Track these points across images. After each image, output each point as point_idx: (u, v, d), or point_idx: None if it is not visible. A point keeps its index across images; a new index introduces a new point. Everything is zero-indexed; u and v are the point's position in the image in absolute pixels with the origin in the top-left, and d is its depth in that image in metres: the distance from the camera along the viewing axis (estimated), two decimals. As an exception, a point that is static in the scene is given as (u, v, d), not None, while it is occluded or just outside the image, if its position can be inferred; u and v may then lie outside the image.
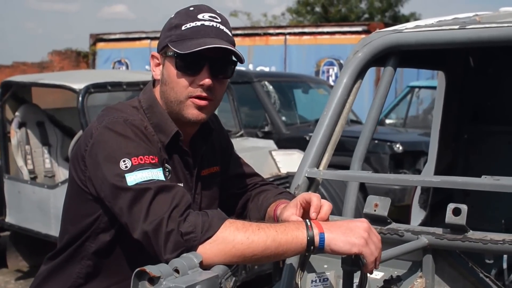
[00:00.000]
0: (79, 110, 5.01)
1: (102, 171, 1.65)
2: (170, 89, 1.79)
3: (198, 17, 1.76)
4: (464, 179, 2.01)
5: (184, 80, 1.76)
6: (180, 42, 1.74)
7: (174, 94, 1.78)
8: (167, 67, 1.79)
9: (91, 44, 17.13)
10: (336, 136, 2.37)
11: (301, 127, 8.29)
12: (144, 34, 16.30)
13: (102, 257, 1.80)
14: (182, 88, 1.77)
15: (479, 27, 2.16)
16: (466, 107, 3.32)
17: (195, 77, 1.75)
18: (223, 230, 1.56)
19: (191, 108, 1.78)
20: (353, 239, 1.58)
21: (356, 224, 1.61)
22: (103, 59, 16.63)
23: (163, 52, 1.80)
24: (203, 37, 1.73)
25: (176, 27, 1.76)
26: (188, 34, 1.74)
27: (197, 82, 1.76)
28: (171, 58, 1.77)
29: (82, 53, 19.85)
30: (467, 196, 3.45)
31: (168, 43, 1.76)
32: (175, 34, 1.76)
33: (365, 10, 31.76)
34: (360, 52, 2.37)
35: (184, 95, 1.77)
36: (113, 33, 16.99)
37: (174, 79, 1.77)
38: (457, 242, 1.95)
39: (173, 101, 1.79)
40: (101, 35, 17.05)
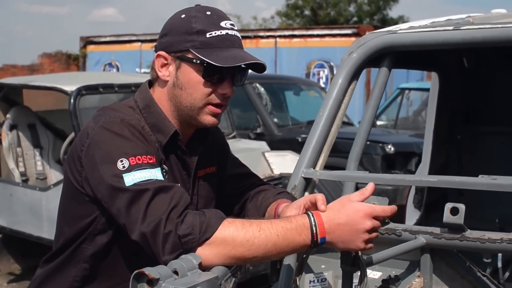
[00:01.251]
0: (71, 112, 4.99)
1: (99, 171, 1.63)
2: (187, 94, 1.77)
3: (221, 24, 1.75)
4: (461, 179, 2.02)
5: (208, 88, 1.76)
6: (208, 50, 1.72)
7: (191, 99, 1.77)
8: (186, 72, 1.76)
9: (82, 47, 17.11)
10: (332, 136, 2.37)
11: (293, 129, 8.32)
12: (135, 37, 16.30)
13: (99, 260, 1.78)
14: (203, 95, 1.77)
15: (473, 28, 2.16)
16: (458, 108, 3.33)
17: (218, 86, 1.77)
18: (222, 231, 1.54)
19: (207, 115, 1.79)
20: (351, 247, 1.61)
21: (357, 226, 1.58)
22: (93, 62, 16.60)
23: (180, 56, 1.77)
24: (229, 47, 1.74)
25: (198, 33, 1.74)
26: (215, 43, 1.73)
27: (219, 91, 1.77)
28: (193, 65, 1.75)
29: (73, 56, 19.78)
30: (461, 196, 3.46)
31: (191, 48, 1.74)
32: (198, 40, 1.73)
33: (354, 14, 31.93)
34: (355, 53, 2.37)
35: (203, 102, 1.77)
36: (103, 36, 16.97)
37: (194, 85, 1.76)
38: (455, 242, 1.95)
39: (188, 106, 1.78)
40: (91, 38, 17.02)
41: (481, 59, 3.15)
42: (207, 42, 1.73)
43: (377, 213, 1.61)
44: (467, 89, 3.27)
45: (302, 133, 8.06)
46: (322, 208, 1.65)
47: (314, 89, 9.79)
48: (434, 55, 2.98)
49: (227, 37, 1.75)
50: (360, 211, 1.59)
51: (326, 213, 1.62)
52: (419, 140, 8.05)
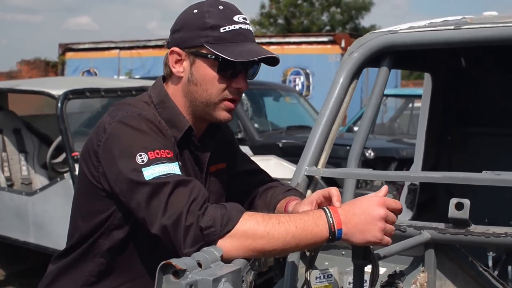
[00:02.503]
0: (58, 116, 4.96)
1: (117, 166, 1.64)
2: (203, 90, 1.78)
3: (234, 19, 1.77)
4: (466, 175, 2.06)
5: (223, 83, 1.77)
6: (222, 45, 1.73)
7: (207, 95, 1.78)
8: (201, 67, 1.77)
9: (60, 54, 16.97)
10: (333, 135, 2.40)
11: (273, 134, 8.36)
12: (113, 44, 16.24)
13: (115, 255, 1.79)
14: (218, 90, 1.78)
15: (474, 27, 2.22)
16: (449, 109, 3.39)
17: (232, 80, 1.78)
18: (243, 224, 1.56)
19: (222, 110, 1.80)
20: (369, 238, 1.60)
21: (372, 215, 1.59)
22: (72, 69, 16.48)
23: (195, 51, 1.77)
24: (243, 41, 1.75)
25: (212, 28, 1.74)
26: (229, 37, 1.74)
27: (233, 85, 1.78)
28: (208, 59, 1.76)
29: (51, 63, 19.62)
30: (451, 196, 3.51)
31: (206, 44, 1.74)
32: (212, 35, 1.74)
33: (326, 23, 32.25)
34: (355, 53, 2.41)
35: (219, 97, 1.78)
36: (82, 43, 16.88)
37: (210, 81, 1.77)
38: (459, 236, 1.99)
39: (203, 102, 1.79)
40: (70, 45, 16.91)
41: (472, 60, 3.22)
42: (221, 37, 1.74)
43: (389, 203, 1.63)
44: (458, 90, 3.33)
45: (282, 139, 8.10)
46: (337, 205, 1.67)
47: (293, 95, 9.85)
48: (427, 56, 3.03)
49: (241, 32, 1.76)
50: (372, 200, 1.62)
51: (341, 207, 1.65)
52: (398, 145, 8.14)
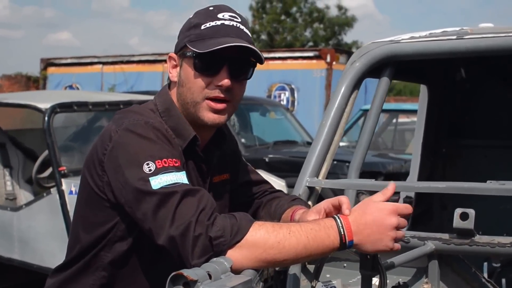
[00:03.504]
0: (45, 130, 4.89)
1: (123, 174, 1.60)
2: (187, 89, 1.74)
3: (218, 16, 1.72)
4: (470, 185, 2.04)
5: (202, 80, 1.71)
6: (200, 41, 1.70)
7: (190, 95, 1.74)
8: (185, 68, 1.75)
9: (42, 69, 16.83)
10: (335, 145, 2.38)
11: (259, 149, 8.35)
12: (96, 59, 16.15)
13: (118, 268, 1.74)
14: (199, 88, 1.72)
15: (477, 37, 2.21)
16: (444, 121, 3.39)
17: (214, 77, 1.71)
18: (253, 233, 1.52)
19: (207, 111, 1.73)
20: (381, 248, 1.58)
21: (385, 223, 1.56)
22: (54, 84, 16.34)
23: (181, 53, 1.76)
24: (223, 36, 1.69)
25: (195, 27, 1.72)
26: (208, 33, 1.70)
27: (215, 82, 1.71)
28: (189, 59, 1.73)
29: (33, 78, 19.48)
30: (445, 209, 3.51)
31: (187, 43, 1.72)
32: (194, 33, 1.72)
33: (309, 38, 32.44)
34: (357, 62, 2.39)
35: (200, 96, 1.72)
36: (64, 58, 16.75)
37: (191, 80, 1.72)
38: (464, 247, 1.96)
39: (189, 103, 1.74)
40: (52, 60, 16.78)
41: (467, 73, 3.22)
42: (201, 34, 1.71)
43: (401, 210, 1.60)
44: (453, 102, 3.33)
45: (269, 153, 8.08)
46: (346, 213, 1.63)
47: (280, 110, 9.85)
48: (424, 68, 3.03)
49: (222, 27, 1.71)
50: (384, 209, 1.58)
51: (352, 215, 1.60)
52: (384, 160, 8.16)
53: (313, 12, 32.24)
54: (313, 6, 32.41)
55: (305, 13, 32.47)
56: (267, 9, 31.98)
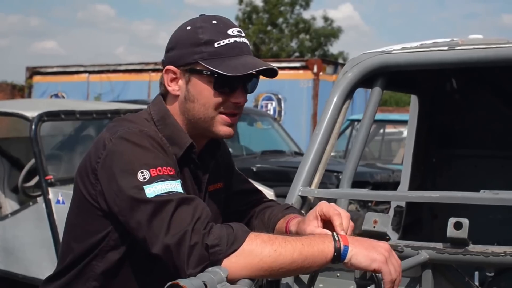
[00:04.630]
0: (32, 138, 4.85)
1: (117, 183, 1.58)
2: (200, 106, 1.74)
3: (228, 32, 1.73)
4: (464, 194, 2.05)
5: (220, 98, 1.73)
6: (217, 61, 1.70)
7: (204, 111, 1.74)
8: (196, 84, 1.73)
9: (28, 77, 16.74)
10: (327, 155, 2.38)
11: (247, 159, 8.35)
12: (82, 68, 16.10)
13: (110, 278, 1.71)
14: (215, 105, 1.73)
15: (468, 48, 2.23)
16: (434, 131, 3.41)
17: (231, 96, 1.73)
18: (249, 243, 1.51)
19: (221, 125, 1.75)
20: (374, 255, 1.56)
21: (378, 243, 1.60)
22: (39, 92, 16.26)
23: (189, 69, 1.73)
24: (238, 55, 1.71)
25: (206, 44, 1.71)
26: (223, 52, 1.71)
27: (231, 100, 1.74)
28: (202, 76, 1.72)
29: (18, 86, 19.40)
30: (435, 218, 3.52)
31: (200, 60, 1.71)
32: (206, 51, 1.70)
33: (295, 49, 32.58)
34: (349, 72, 2.40)
35: (216, 112, 1.74)
36: (50, 66, 16.68)
37: (207, 96, 1.73)
38: (458, 256, 1.97)
39: (201, 118, 1.75)
40: (37, 68, 16.71)
41: (457, 83, 3.24)
42: (215, 52, 1.71)
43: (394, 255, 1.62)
44: (443, 112, 3.35)
45: (257, 163, 8.08)
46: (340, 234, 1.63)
47: (267, 120, 9.86)
48: (415, 79, 3.05)
49: (236, 45, 1.73)
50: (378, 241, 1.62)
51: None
52: (372, 170, 8.18)
53: (299, 23, 32.41)
54: (299, 17, 32.60)
55: (291, 24, 32.63)
56: (253, 19, 32.10)
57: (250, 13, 32.07)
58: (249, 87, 1.78)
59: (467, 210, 2.40)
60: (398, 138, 12.65)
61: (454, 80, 3.22)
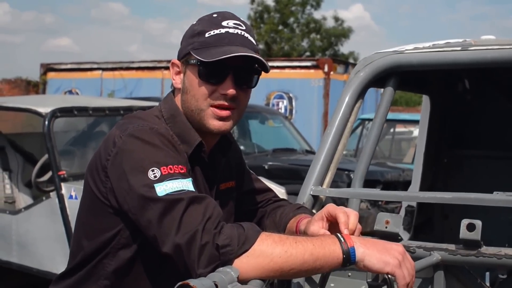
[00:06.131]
0: (45, 134, 4.89)
1: (128, 181, 1.57)
2: (191, 97, 1.73)
3: (222, 24, 1.71)
4: (477, 195, 2.04)
5: (206, 88, 1.70)
6: (204, 49, 1.68)
7: (195, 102, 1.72)
8: (189, 76, 1.73)
9: (42, 74, 16.83)
10: (339, 154, 2.37)
11: (258, 156, 8.35)
12: (96, 65, 16.18)
13: (121, 276, 1.70)
14: (203, 96, 1.71)
15: (482, 49, 2.21)
16: (446, 132, 3.40)
17: (218, 86, 1.70)
18: (260, 243, 1.50)
19: (212, 119, 1.72)
20: (388, 258, 1.53)
21: (392, 245, 1.56)
22: (53, 89, 16.34)
23: (185, 60, 1.74)
24: (227, 44, 1.68)
25: (199, 34, 1.71)
26: (212, 41, 1.69)
27: (220, 91, 1.70)
28: (193, 66, 1.71)
29: (32, 82, 19.49)
30: (446, 219, 3.51)
31: (191, 50, 1.71)
32: (198, 41, 1.70)
33: (306, 49, 32.55)
34: (361, 72, 2.39)
35: (205, 104, 1.71)
36: (64, 63, 16.77)
37: (195, 87, 1.71)
38: (471, 258, 1.95)
39: (194, 110, 1.73)
40: (52, 65, 16.80)
41: (469, 84, 3.23)
42: (205, 41, 1.70)
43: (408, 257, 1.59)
44: (455, 113, 3.34)
45: (268, 161, 8.08)
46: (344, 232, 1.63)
47: (278, 118, 9.86)
48: (427, 79, 3.04)
49: (226, 35, 1.70)
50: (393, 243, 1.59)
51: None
52: (382, 169, 8.17)
53: (310, 22, 32.39)
54: (310, 17, 32.57)
55: (302, 23, 32.62)
56: (264, 19, 32.11)
57: (262, 12, 32.09)
58: (241, 80, 1.72)
59: (478, 211, 2.38)
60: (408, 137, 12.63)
61: (466, 81, 3.20)
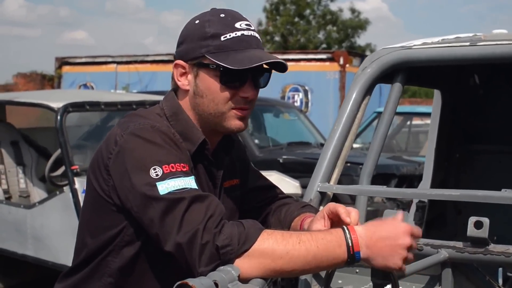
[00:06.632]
0: (57, 129, 4.92)
1: (130, 180, 1.57)
2: (209, 101, 1.72)
3: (236, 26, 1.70)
4: (485, 193, 2.01)
5: (228, 92, 1.71)
6: (223, 54, 1.67)
7: (214, 106, 1.72)
8: (204, 79, 1.72)
9: (57, 67, 16.94)
10: (346, 151, 2.35)
11: (273, 150, 8.33)
12: (111, 58, 16.24)
13: (125, 274, 1.70)
14: (224, 100, 1.71)
15: (491, 44, 2.18)
16: (458, 126, 3.36)
17: (239, 89, 1.71)
18: (261, 243, 1.50)
19: (233, 119, 1.73)
20: (391, 264, 1.55)
21: (399, 242, 1.54)
22: (68, 82, 16.44)
23: (197, 63, 1.72)
24: (246, 48, 1.69)
25: (213, 37, 1.69)
26: (230, 45, 1.68)
27: (240, 94, 1.71)
28: (209, 70, 1.70)
29: (47, 76, 19.61)
30: (459, 214, 3.47)
31: (207, 54, 1.69)
32: (213, 44, 1.69)
33: (323, 41, 32.43)
34: (368, 68, 2.37)
35: (226, 107, 1.72)
36: (79, 57, 16.86)
37: (215, 91, 1.71)
38: (478, 256, 1.93)
39: (212, 113, 1.73)
40: (67, 59, 16.90)
41: (481, 78, 3.19)
42: (222, 45, 1.69)
43: (414, 232, 1.59)
44: (467, 107, 3.30)
45: (283, 154, 8.05)
46: (347, 221, 1.62)
47: (293, 112, 9.83)
48: (437, 74, 3.00)
49: (243, 38, 1.70)
50: (400, 227, 1.57)
51: (364, 228, 1.57)
52: (398, 162, 8.11)
53: (326, 14, 32.23)
54: (326, 9, 32.42)
55: (318, 15, 32.46)
56: (280, 11, 32.00)
57: (278, 4, 31.97)
58: (261, 81, 1.75)
59: (492, 206, 2.35)
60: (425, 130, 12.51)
61: (479, 75, 3.16)
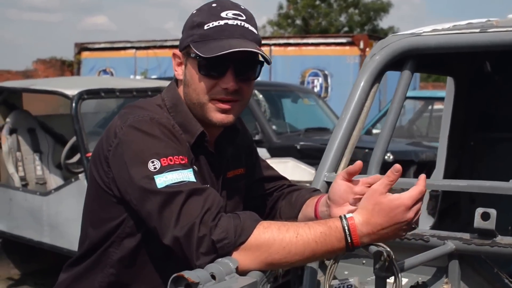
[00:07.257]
0: (72, 116, 4.93)
1: (128, 172, 1.57)
2: (192, 90, 1.71)
3: (221, 15, 1.67)
4: (492, 183, 1.98)
5: (207, 82, 1.68)
6: (203, 43, 1.65)
7: (196, 96, 1.71)
8: (189, 68, 1.71)
9: (76, 53, 17.03)
10: (354, 140, 2.32)
11: (291, 136, 8.28)
12: (129, 44, 16.27)
13: (127, 265, 1.72)
14: (204, 90, 1.69)
15: (501, 31, 2.13)
16: (472, 114, 3.30)
17: (219, 80, 1.67)
18: (257, 236, 1.48)
19: (214, 112, 1.70)
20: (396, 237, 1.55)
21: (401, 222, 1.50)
22: (88, 68, 16.52)
23: (185, 52, 1.72)
24: (227, 37, 1.64)
25: (198, 26, 1.67)
26: (211, 34, 1.65)
27: (221, 85, 1.68)
28: (193, 60, 1.69)
29: (67, 62, 19.75)
30: (473, 203, 3.42)
31: (190, 43, 1.68)
32: (197, 33, 1.67)
33: (344, 24, 32.18)
34: (377, 55, 2.33)
35: (206, 98, 1.69)
36: (98, 43, 16.91)
37: (196, 81, 1.69)
38: (485, 247, 1.91)
39: (195, 103, 1.72)
40: (86, 44, 16.96)
41: (495, 65, 3.12)
42: (204, 34, 1.66)
43: (416, 199, 1.51)
44: (481, 94, 3.24)
45: (301, 141, 8.00)
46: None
47: (312, 97, 9.77)
48: (450, 60, 2.95)
49: (225, 27, 1.66)
50: (399, 206, 1.49)
51: (361, 216, 1.50)
52: (417, 148, 8.01)
53: (348, -4, 31.95)
54: (348, -9, 32.12)
55: (340, -3, 32.19)
56: (301, -6, 31.79)
57: (299, -13, 31.76)
58: (242, 72, 1.68)
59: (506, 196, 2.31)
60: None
61: (493, 62, 3.10)
